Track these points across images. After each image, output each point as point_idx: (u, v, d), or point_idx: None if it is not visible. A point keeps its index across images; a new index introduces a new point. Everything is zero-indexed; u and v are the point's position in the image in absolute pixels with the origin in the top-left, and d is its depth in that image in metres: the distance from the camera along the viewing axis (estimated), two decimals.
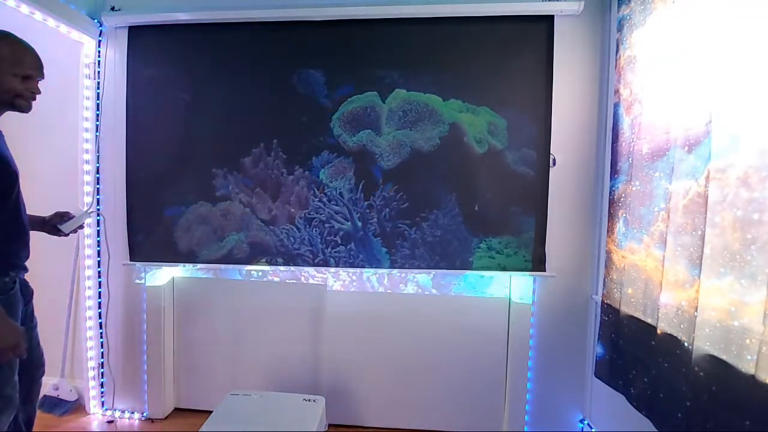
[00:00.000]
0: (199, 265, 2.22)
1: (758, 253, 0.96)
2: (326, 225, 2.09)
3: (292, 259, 2.13)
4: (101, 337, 2.24)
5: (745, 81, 1.02)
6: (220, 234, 2.15)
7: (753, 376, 0.96)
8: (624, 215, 1.60)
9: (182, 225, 2.15)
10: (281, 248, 2.13)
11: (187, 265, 2.19)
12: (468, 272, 2.04)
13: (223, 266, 2.19)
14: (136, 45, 2.10)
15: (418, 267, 2.05)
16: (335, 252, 2.11)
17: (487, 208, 1.98)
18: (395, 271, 2.11)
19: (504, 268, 2.00)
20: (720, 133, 1.08)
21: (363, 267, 2.09)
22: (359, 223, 2.06)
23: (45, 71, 1.38)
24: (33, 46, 1.32)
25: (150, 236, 2.18)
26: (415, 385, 2.16)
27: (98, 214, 2.18)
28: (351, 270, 2.13)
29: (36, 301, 1.48)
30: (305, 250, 2.12)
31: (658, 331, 1.32)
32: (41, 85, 1.40)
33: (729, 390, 1.03)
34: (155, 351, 2.23)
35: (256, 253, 2.16)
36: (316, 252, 2.13)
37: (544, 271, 1.98)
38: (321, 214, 2.09)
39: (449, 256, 2.04)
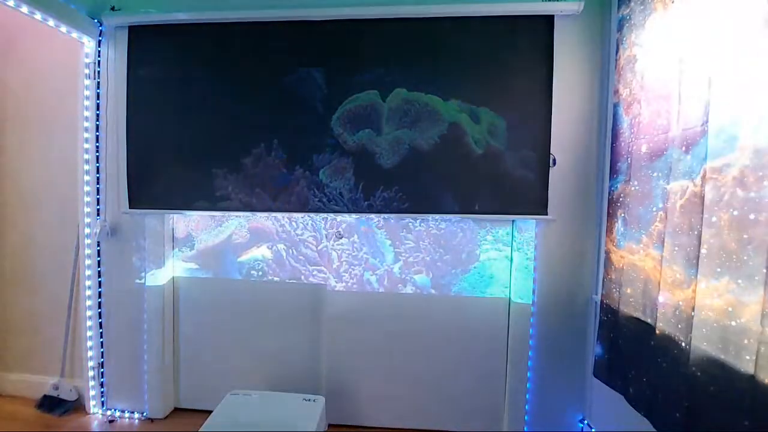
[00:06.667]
0: (198, 265, 2.24)
1: (755, 253, 0.96)
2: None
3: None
4: (101, 337, 2.25)
5: (741, 81, 1.02)
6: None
7: (752, 377, 0.96)
8: (623, 215, 1.60)
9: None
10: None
11: (184, 211, 2.20)
12: (469, 216, 2.03)
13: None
14: (136, 45, 2.10)
15: (409, 211, 2.01)
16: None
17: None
18: (395, 268, 2.12)
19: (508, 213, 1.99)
20: (716, 132, 1.08)
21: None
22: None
23: (45, 71, 1.28)
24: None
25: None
26: (414, 386, 2.16)
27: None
28: (352, 270, 2.14)
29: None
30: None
31: (657, 332, 1.33)
32: (42, 84, 1.31)
33: (727, 390, 1.03)
34: (155, 351, 2.23)
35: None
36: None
37: (546, 215, 1.95)
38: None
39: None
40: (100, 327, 2.24)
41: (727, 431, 1.03)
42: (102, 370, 2.26)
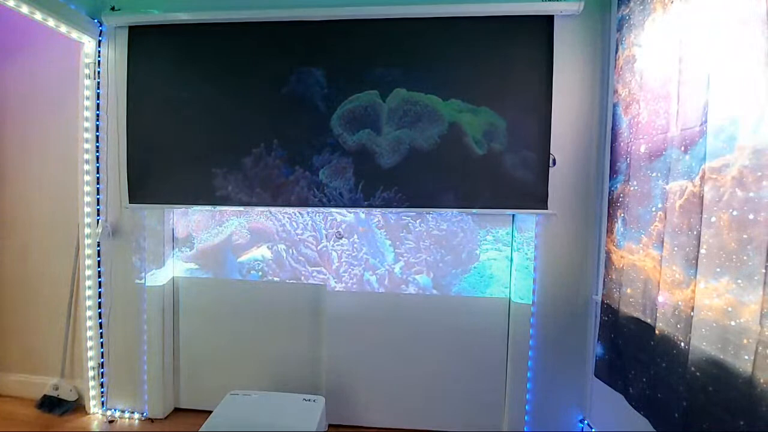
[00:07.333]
0: (198, 265, 2.24)
1: (754, 253, 0.96)
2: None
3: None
4: (101, 337, 2.25)
5: (740, 81, 1.03)
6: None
7: (750, 376, 0.96)
8: (622, 215, 1.60)
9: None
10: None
11: (184, 206, 2.19)
12: (469, 211, 2.02)
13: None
14: (137, 45, 2.10)
15: (406, 206, 2.00)
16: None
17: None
18: (396, 268, 2.12)
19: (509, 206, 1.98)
20: (715, 132, 1.08)
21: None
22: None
23: (45, 71, 1.32)
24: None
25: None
26: (415, 385, 2.16)
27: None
28: (351, 271, 2.14)
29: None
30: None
31: (657, 332, 1.33)
32: (42, 84, 1.34)
33: (725, 390, 1.03)
34: (155, 351, 2.23)
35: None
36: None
37: (546, 208, 1.95)
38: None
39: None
40: (100, 327, 2.24)
41: (725, 431, 1.03)
42: (102, 370, 2.26)
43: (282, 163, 2.05)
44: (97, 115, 2.16)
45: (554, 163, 1.96)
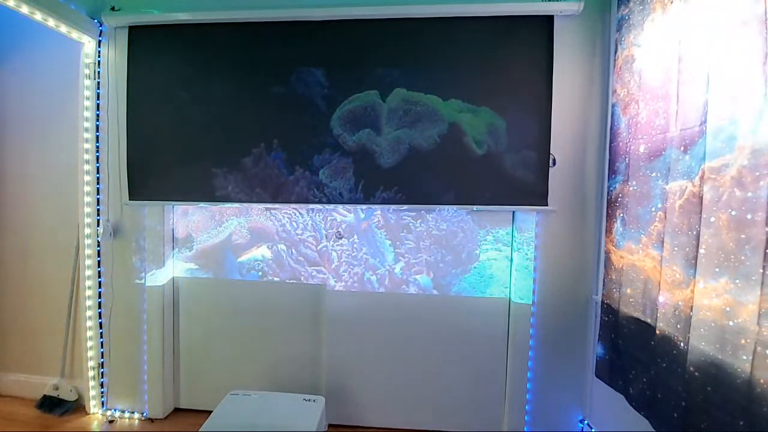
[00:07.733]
0: (198, 265, 2.24)
1: (752, 253, 0.97)
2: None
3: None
4: (101, 337, 2.25)
5: (740, 81, 1.03)
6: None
7: (749, 376, 0.96)
8: (621, 215, 1.60)
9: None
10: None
11: (184, 203, 2.20)
12: (469, 207, 2.01)
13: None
14: (137, 45, 2.11)
15: (404, 203, 2.01)
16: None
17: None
18: (396, 269, 2.12)
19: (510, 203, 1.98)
20: (715, 132, 1.08)
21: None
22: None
23: (46, 71, 1.33)
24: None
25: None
26: (415, 385, 2.16)
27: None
28: (351, 270, 2.15)
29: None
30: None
31: (657, 332, 1.33)
32: (42, 84, 1.34)
33: (724, 390, 1.03)
34: (155, 351, 2.23)
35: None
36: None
37: (546, 205, 1.95)
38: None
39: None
40: (100, 327, 2.24)
41: (723, 431, 1.03)
42: (102, 370, 2.26)
43: (282, 163, 2.05)
44: (97, 115, 2.16)
45: (554, 163, 1.96)
